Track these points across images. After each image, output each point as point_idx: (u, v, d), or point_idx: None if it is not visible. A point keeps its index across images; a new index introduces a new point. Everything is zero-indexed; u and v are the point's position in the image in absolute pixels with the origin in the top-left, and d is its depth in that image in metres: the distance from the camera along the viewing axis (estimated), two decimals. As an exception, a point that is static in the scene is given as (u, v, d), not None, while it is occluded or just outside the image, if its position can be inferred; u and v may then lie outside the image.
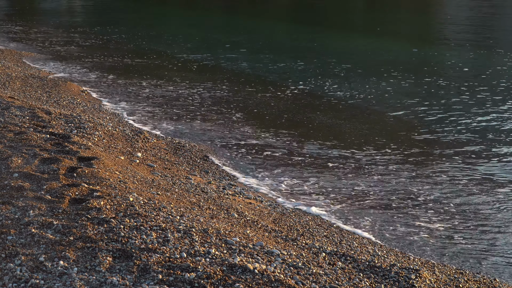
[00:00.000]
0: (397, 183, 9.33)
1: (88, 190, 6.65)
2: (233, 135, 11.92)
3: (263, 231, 6.74)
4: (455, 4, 42.06)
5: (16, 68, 16.84)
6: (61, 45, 23.95)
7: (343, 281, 5.35)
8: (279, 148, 11.09)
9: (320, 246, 6.40)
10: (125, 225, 5.70)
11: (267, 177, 9.46)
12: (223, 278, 4.87)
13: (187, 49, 23.47)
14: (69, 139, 8.87)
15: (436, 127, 12.65)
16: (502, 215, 8.17)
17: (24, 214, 5.86)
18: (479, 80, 17.55)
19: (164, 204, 6.63)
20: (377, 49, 23.87)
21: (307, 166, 10.11)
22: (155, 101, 14.63)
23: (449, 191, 9.02)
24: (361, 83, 16.84)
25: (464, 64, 20.15)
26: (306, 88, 16.35)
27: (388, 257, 6.50)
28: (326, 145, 11.25)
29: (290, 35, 29.72)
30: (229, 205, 7.56)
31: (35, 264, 4.92)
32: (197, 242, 5.56)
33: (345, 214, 8.10)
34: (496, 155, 10.76)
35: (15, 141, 8.34)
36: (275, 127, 12.54)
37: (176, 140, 10.92)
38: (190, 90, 15.93)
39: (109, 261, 5.03)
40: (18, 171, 7.11)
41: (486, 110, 14.03)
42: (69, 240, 5.34)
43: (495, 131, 12.33)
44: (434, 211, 8.28)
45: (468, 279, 6.20)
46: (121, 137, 10.18)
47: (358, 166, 10.08)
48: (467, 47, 23.90)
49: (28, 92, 13.48)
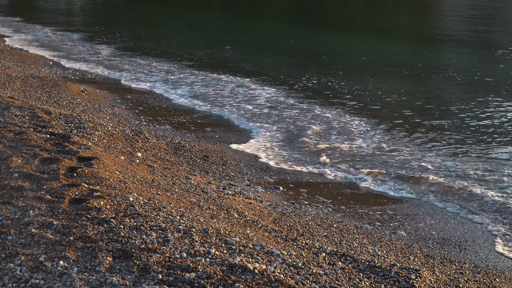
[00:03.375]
0: (397, 183, 9.35)
1: (88, 190, 6.65)
2: (233, 134, 11.92)
3: (263, 231, 6.74)
4: (455, 4, 42.04)
5: (16, 68, 16.84)
6: (62, 45, 23.97)
7: (343, 281, 5.35)
8: (279, 148, 11.10)
9: (320, 246, 6.40)
10: (125, 225, 5.70)
11: (266, 177, 9.47)
12: (223, 278, 4.87)
13: (187, 49, 23.47)
14: (69, 139, 8.86)
15: (436, 127, 12.65)
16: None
17: (24, 214, 5.86)
18: (479, 79, 17.55)
19: (164, 204, 6.62)
20: (377, 49, 23.86)
21: (307, 166, 10.13)
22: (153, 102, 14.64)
23: (449, 189, 9.04)
24: (361, 83, 16.83)
25: (464, 64, 20.15)
26: (306, 88, 16.35)
27: (388, 257, 6.50)
28: (326, 146, 11.26)
29: (290, 35, 29.72)
30: (229, 205, 7.56)
31: (35, 264, 4.92)
32: (197, 242, 5.56)
33: (345, 214, 8.10)
34: (496, 155, 10.77)
35: (15, 141, 8.33)
36: (275, 127, 12.54)
37: (176, 140, 10.92)
38: (191, 90, 15.94)
39: (109, 261, 5.03)
40: (18, 171, 7.11)
41: (486, 110, 14.03)
42: (69, 240, 5.34)
43: (496, 130, 12.33)
44: (434, 210, 8.30)
45: (468, 279, 6.20)
46: (121, 137, 10.18)
47: (358, 167, 10.10)
48: (467, 47, 23.90)
49: (28, 92, 13.48)
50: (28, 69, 17.11)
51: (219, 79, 17.49)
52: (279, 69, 19.38)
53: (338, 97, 15.32)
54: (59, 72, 17.49)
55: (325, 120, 13.06)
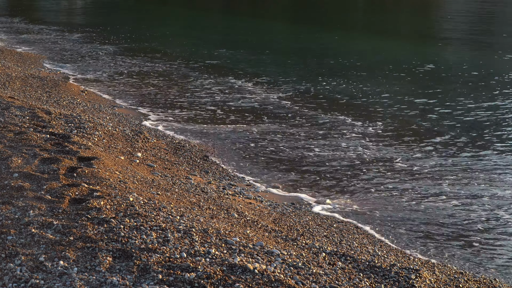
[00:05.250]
0: (396, 183, 9.35)
1: (88, 190, 6.64)
2: (233, 135, 11.91)
3: (263, 231, 6.74)
4: (454, 3, 42.05)
5: (16, 68, 16.83)
6: (62, 46, 23.96)
7: (343, 281, 5.35)
8: (279, 147, 11.09)
9: (320, 246, 6.40)
10: (125, 225, 5.70)
11: (266, 176, 9.47)
12: (223, 278, 4.87)
13: (187, 49, 23.46)
14: (69, 139, 8.86)
15: (436, 126, 12.64)
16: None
17: (24, 214, 5.86)
18: (479, 79, 17.55)
19: (164, 204, 6.62)
20: (377, 49, 23.86)
21: (307, 166, 10.12)
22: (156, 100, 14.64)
23: (449, 189, 9.03)
24: (360, 83, 16.83)
25: (463, 64, 20.15)
26: (306, 88, 16.34)
27: (388, 257, 6.50)
28: (327, 145, 11.25)
29: (289, 35, 29.71)
30: (229, 205, 7.56)
31: (35, 264, 4.92)
32: (197, 242, 5.55)
33: (346, 213, 8.10)
34: (496, 154, 10.77)
35: (15, 141, 8.33)
36: (275, 127, 12.52)
37: (176, 140, 10.92)
38: (190, 89, 15.93)
39: (109, 261, 5.03)
40: (18, 171, 7.10)
41: (486, 110, 14.03)
42: (69, 240, 5.34)
43: (496, 129, 12.33)
44: (433, 210, 8.30)
45: (468, 279, 6.20)
46: (121, 137, 10.18)
47: (358, 166, 10.09)
48: (467, 47, 23.90)
49: (28, 92, 13.48)
50: (28, 69, 17.11)
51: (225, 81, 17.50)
52: (279, 69, 19.37)
53: (338, 97, 15.31)
54: (59, 72, 17.49)
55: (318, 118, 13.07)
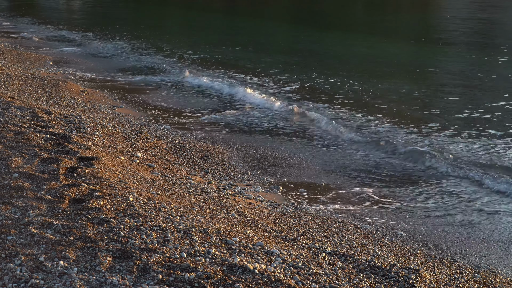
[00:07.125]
0: (396, 183, 9.35)
1: (88, 190, 6.64)
2: (233, 135, 11.93)
3: (263, 231, 6.74)
4: (454, 3, 42.06)
5: (16, 68, 16.83)
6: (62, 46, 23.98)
7: (343, 281, 5.35)
8: (279, 147, 11.10)
9: (320, 246, 6.40)
10: (125, 225, 5.70)
11: (266, 176, 9.47)
12: (223, 278, 4.87)
13: (187, 49, 23.46)
14: (69, 139, 8.86)
15: (436, 126, 12.65)
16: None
17: (24, 214, 5.86)
18: (479, 80, 17.54)
19: (164, 204, 6.62)
20: (377, 48, 23.86)
21: (307, 166, 10.13)
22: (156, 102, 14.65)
23: (449, 189, 9.04)
24: (360, 83, 16.83)
25: (463, 64, 20.15)
26: (306, 88, 16.35)
27: (388, 257, 6.50)
28: (327, 145, 11.26)
29: (289, 35, 29.72)
30: (229, 205, 7.56)
31: (35, 264, 4.92)
32: (197, 242, 5.55)
33: (346, 213, 8.10)
34: (497, 153, 10.78)
35: (15, 141, 8.33)
36: (275, 127, 12.54)
37: (176, 140, 10.92)
38: (190, 89, 15.95)
39: (109, 261, 5.03)
40: (18, 171, 7.10)
41: (486, 110, 14.03)
42: (69, 240, 5.34)
43: (496, 129, 12.34)
44: (433, 208, 8.31)
45: (468, 279, 6.20)
46: (121, 137, 10.18)
47: (358, 166, 10.10)
48: (466, 46, 23.89)
49: (28, 92, 13.47)
50: (28, 69, 17.11)
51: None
52: (279, 69, 19.37)
53: (338, 97, 15.31)
54: (59, 72, 17.50)
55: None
